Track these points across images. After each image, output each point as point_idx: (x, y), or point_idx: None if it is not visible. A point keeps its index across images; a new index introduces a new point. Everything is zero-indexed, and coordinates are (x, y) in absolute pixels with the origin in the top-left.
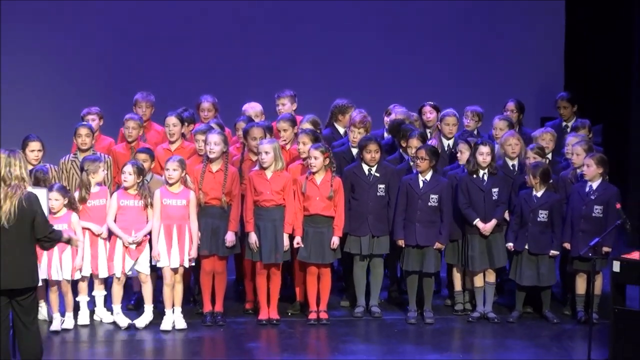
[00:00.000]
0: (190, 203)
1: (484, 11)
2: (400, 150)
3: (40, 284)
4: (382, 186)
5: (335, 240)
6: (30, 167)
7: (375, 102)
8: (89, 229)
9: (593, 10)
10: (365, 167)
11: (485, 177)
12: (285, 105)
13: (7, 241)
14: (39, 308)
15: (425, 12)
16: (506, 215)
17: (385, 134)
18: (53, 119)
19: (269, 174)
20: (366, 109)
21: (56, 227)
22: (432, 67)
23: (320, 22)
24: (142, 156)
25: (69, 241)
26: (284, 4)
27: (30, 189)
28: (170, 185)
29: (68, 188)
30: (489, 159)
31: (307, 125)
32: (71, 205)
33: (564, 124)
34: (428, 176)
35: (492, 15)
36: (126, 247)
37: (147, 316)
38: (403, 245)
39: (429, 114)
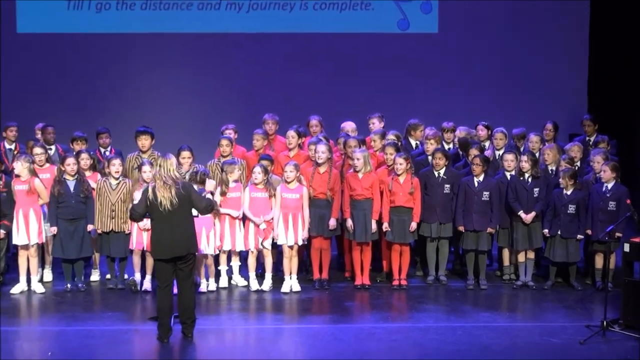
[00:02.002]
0: (303, 196)
1: (529, 52)
2: (466, 159)
3: None
4: (447, 186)
5: (413, 225)
6: (182, 171)
7: (435, 121)
8: (229, 214)
9: (612, 52)
10: (436, 172)
11: (530, 180)
12: (375, 124)
13: (172, 220)
14: None
15: (476, 51)
16: None
17: (446, 145)
18: (200, 132)
19: (360, 175)
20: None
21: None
22: (485, 95)
23: (391, 63)
24: (264, 161)
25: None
26: (370, 52)
27: (184, 181)
28: (288, 183)
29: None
30: (526, 166)
31: (392, 137)
32: None
33: (587, 138)
34: (481, 178)
35: (533, 54)
36: (257, 227)
37: (269, 281)
38: (463, 230)
39: (481, 131)
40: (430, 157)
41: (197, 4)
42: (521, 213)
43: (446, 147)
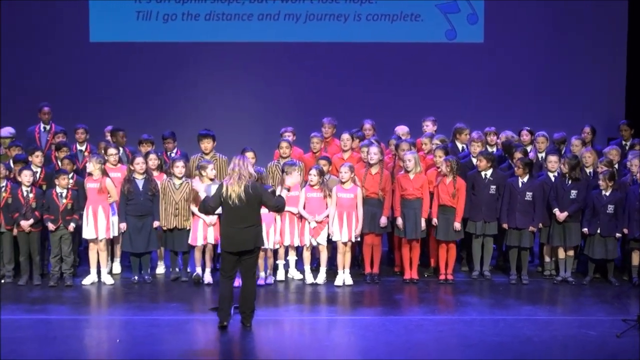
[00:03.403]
0: (358, 196)
1: (569, 60)
2: (509, 161)
3: None
4: (493, 187)
5: (457, 225)
6: None
7: (480, 125)
8: (289, 211)
9: None
10: (482, 173)
11: (569, 182)
12: (428, 127)
13: (239, 216)
14: None
15: (519, 59)
16: None
17: (489, 148)
18: (259, 135)
19: (411, 176)
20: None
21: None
22: (527, 101)
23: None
24: (322, 162)
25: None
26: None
27: (254, 182)
28: (344, 183)
29: (272, 184)
30: (565, 169)
31: (436, 142)
32: None
33: (623, 142)
34: (525, 179)
35: (573, 62)
36: (312, 228)
37: (323, 275)
38: (507, 228)
39: (525, 136)
40: (475, 160)
41: (257, 15)
42: (556, 210)
43: (489, 149)
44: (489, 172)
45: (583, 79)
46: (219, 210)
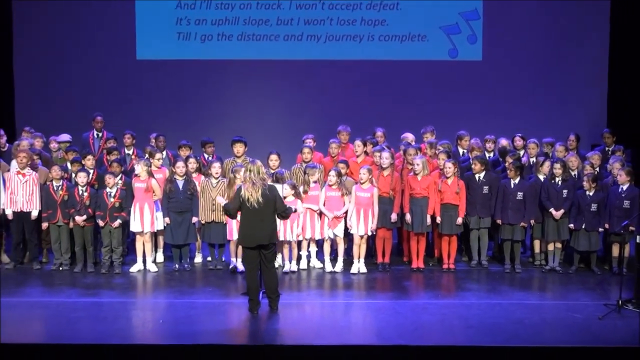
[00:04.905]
0: (374, 195)
1: (556, 75)
2: (504, 165)
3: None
4: (486, 187)
5: (459, 220)
6: (271, 171)
7: (479, 133)
8: (310, 208)
9: (628, 72)
10: (477, 175)
11: (560, 183)
12: (427, 137)
13: (258, 215)
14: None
15: (513, 74)
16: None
17: (487, 154)
18: (286, 140)
19: (419, 177)
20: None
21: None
22: (521, 111)
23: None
24: (340, 165)
25: (294, 211)
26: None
27: (270, 183)
28: (362, 184)
29: (296, 184)
30: (559, 172)
31: (440, 147)
32: (297, 195)
33: (606, 148)
34: (517, 180)
35: (560, 77)
36: (330, 221)
37: (340, 264)
38: (501, 223)
39: (518, 141)
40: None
41: (283, 36)
42: (552, 210)
43: (488, 155)
44: (482, 174)
45: (570, 92)
46: None
